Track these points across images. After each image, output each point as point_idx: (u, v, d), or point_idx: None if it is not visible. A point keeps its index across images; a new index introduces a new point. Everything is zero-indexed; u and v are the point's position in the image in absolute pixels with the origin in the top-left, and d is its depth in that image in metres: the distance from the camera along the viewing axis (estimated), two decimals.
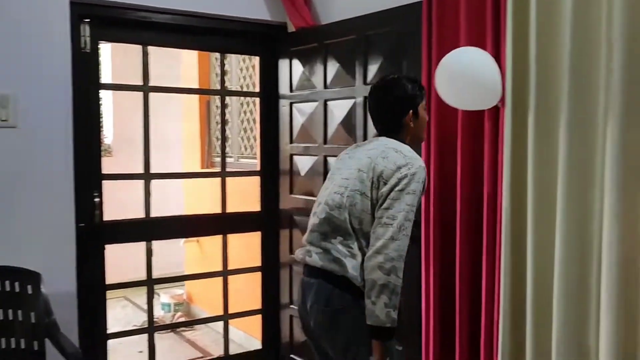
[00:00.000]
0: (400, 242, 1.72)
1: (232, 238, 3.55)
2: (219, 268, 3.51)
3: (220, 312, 3.53)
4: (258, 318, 3.64)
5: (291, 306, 3.45)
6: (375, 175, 1.80)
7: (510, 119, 2.02)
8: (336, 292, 1.83)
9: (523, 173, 2.01)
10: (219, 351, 3.65)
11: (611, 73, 1.69)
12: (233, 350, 3.60)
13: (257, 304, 3.62)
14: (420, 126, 2.00)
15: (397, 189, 1.75)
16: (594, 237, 1.85)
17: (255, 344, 3.73)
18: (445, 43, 2.29)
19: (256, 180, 3.58)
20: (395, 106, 1.94)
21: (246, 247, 3.76)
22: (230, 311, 3.53)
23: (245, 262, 3.65)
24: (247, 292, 3.76)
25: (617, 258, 1.73)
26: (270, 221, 3.54)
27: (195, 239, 4.83)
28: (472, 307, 2.30)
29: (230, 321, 3.56)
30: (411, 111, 1.94)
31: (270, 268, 3.56)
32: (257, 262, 3.59)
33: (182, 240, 4.94)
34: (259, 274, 3.60)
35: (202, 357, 3.89)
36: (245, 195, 3.71)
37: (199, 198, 4.59)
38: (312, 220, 1.98)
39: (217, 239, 3.53)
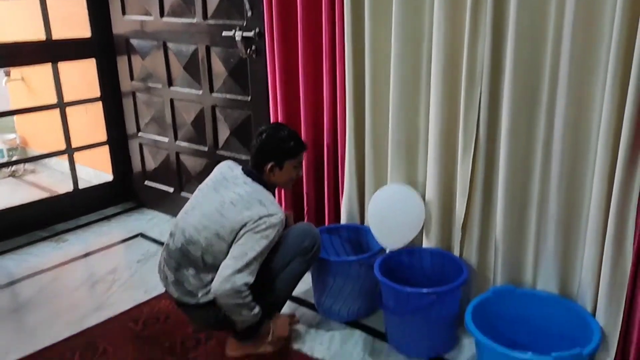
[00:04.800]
0: (245, 274, 1.83)
1: (64, 71, 3.26)
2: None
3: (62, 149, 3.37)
4: (106, 153, 3.52)
5: (140, 134, 3.37)
6: (238, 225, 1.87)
7: None
8: (194, 311, 2.00)
9: None
10: (66, 189, 3.52)
11: None
12: (82, 187, 3.50)
13: (102, 137, 3.48)
14: (281, 179, 2.05)
15: (254, 230, 1.85)
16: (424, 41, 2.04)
17: (106, 178, 3.65)
18: None
19: (81, 1, 3.23)
20: (263, 150, 2.00)
21: (81, 79, 3.48)
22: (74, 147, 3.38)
23: (83, 95, 3.41)
24: (89, 127, 3.57)
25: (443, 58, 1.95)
26: (103, 47, 3.29)
27: (19, 76, 4.36)
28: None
29: (76, 159, 3.40)
30: (273, 163, 1.99)
31: (111, 97, 3.39)
32: (96, 94, 3.39)
33: (4, 80, 4.44)
34: (99, 105, 3.41)
35: (50, 196, 3.72)
36: (69, 21, 3.34)
37: (13, 24, 4.03)
38: (171, 241, 2.01)
39: (46, 74, 3.22)
